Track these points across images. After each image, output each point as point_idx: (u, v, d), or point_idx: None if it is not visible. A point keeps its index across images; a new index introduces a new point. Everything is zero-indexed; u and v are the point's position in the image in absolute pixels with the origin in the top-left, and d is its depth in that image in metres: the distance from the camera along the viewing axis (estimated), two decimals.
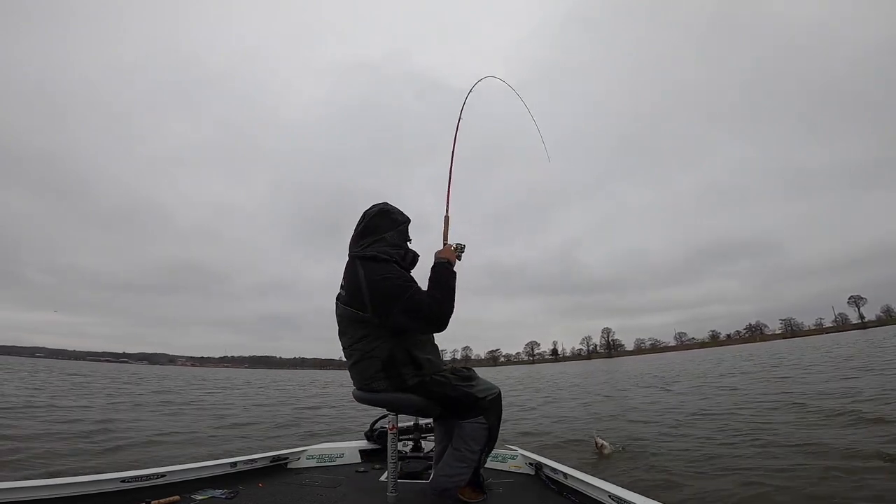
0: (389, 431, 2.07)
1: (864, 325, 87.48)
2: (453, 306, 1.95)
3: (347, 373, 2.10)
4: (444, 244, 2.17)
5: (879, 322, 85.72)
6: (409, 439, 3.15)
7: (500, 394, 2.11)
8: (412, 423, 3.15)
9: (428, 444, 3.10)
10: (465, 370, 2.12)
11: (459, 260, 2.10)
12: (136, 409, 9.91)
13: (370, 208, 2.16)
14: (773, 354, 25.94)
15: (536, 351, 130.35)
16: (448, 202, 2.26)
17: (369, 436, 3.13)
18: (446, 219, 2.25)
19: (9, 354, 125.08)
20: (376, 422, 3.15)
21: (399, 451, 2.30)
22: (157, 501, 1.95)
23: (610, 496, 1.84)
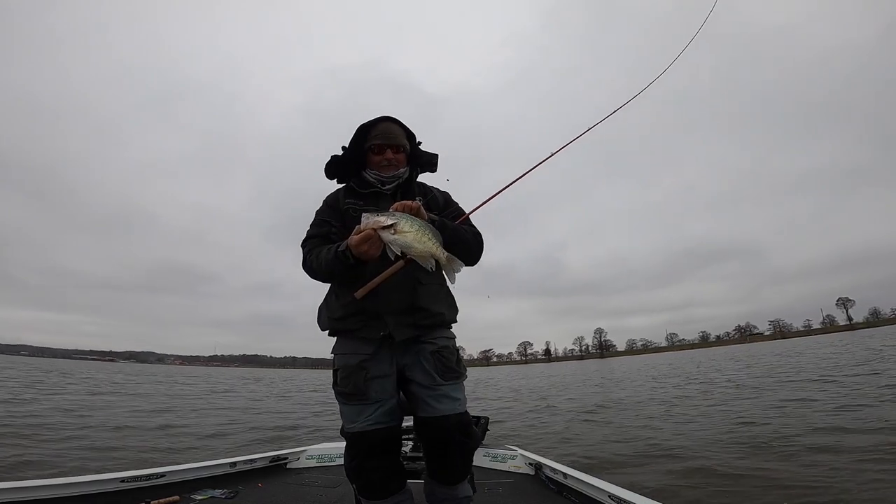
0: None
1: (851, 326, 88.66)
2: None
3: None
4: None
5: (867, 324, 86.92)
6: (408, 439, 3.14)
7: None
8: (412, 422, 3.12)
9: None
10: None
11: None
12: None
13: None
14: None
15: (529, 351, 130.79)
16: None
17: None
18: None
19: None
20: None
21: None
22: (156, 501, 1.94)
23: (610, 496, 1.86)
